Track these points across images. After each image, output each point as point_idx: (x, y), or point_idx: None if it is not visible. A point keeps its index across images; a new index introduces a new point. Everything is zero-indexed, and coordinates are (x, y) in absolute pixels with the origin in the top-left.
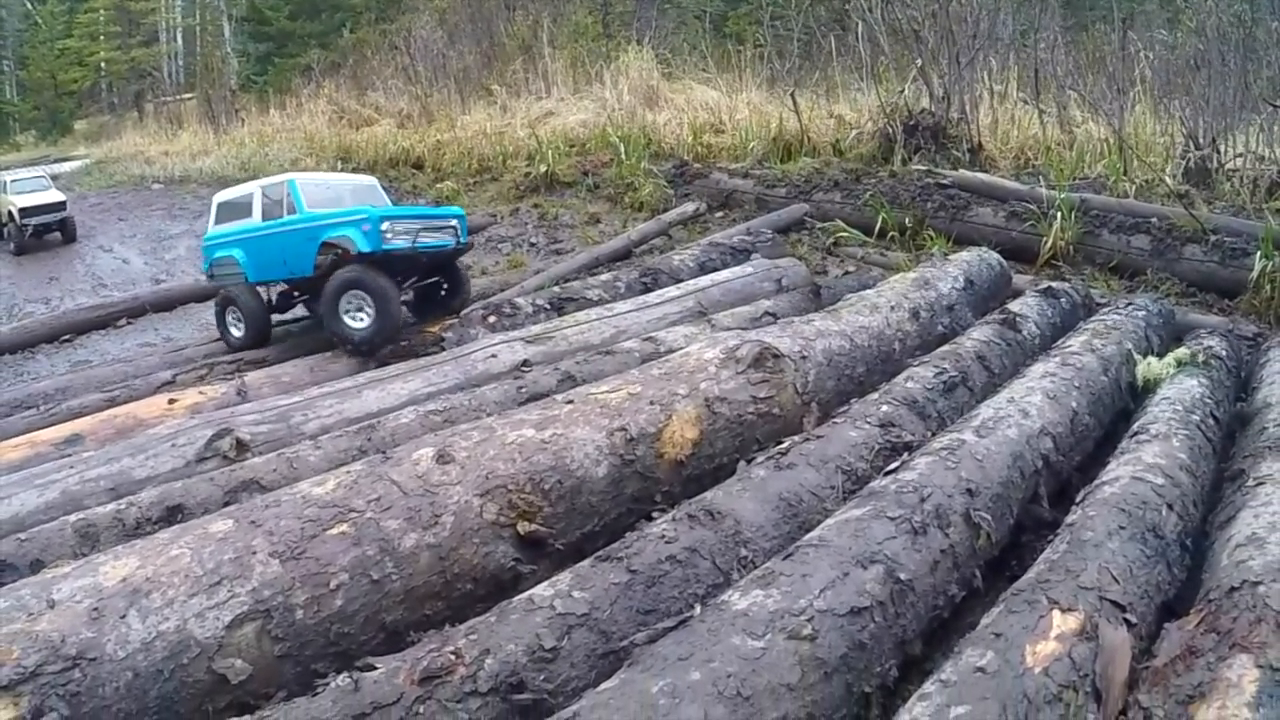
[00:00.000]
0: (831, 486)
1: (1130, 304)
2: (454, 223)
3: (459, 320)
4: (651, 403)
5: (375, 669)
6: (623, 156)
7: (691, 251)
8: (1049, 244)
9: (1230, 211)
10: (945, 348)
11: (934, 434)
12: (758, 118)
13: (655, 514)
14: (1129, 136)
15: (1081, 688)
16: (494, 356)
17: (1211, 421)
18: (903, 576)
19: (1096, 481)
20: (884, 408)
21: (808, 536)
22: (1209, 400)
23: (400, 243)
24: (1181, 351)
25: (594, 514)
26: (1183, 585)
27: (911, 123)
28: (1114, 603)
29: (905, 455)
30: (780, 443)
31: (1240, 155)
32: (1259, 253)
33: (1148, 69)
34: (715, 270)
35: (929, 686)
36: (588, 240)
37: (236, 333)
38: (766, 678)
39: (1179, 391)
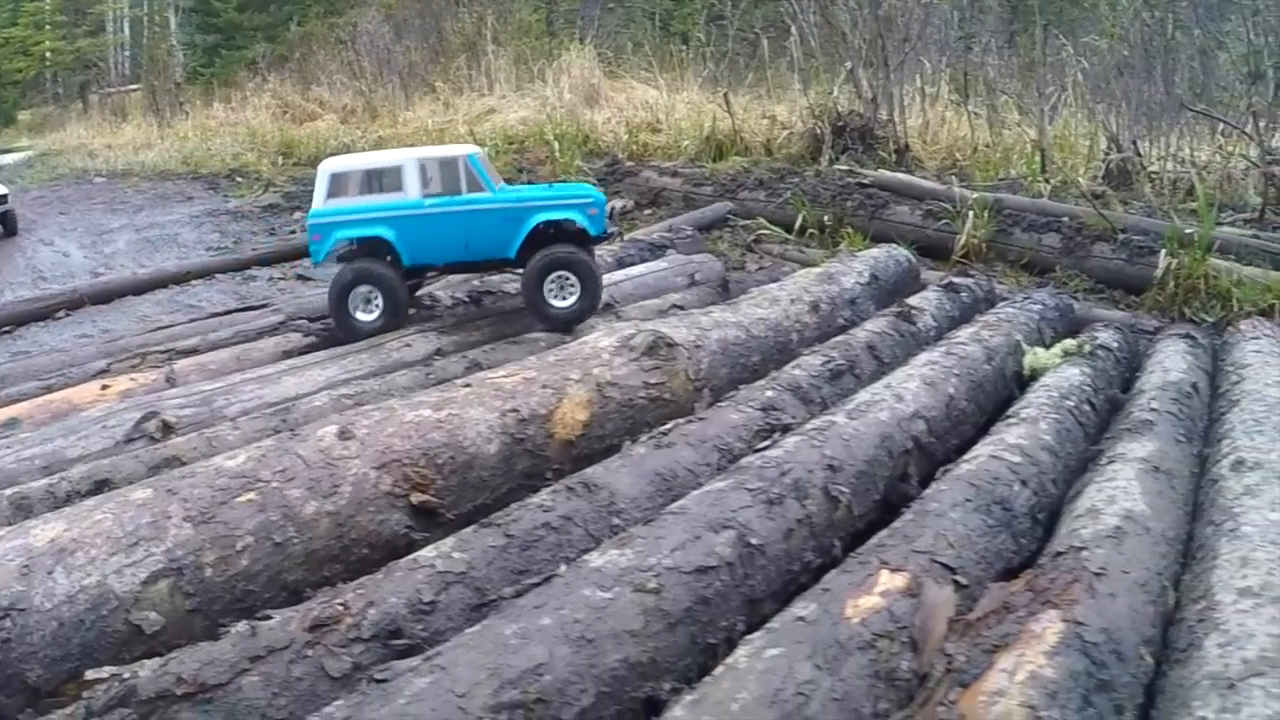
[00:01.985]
0: (707, 464)
1: (1027, 298)
2: None
3: None
4: (544, 386)
5: (272, 618)
6: (557, 154)
7: (610, 247)
8: (962, 241)
9: (1145, 212)
10: (838, 338)
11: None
12: (695, 117)
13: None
14: (1057, 139)
15: (898, 638)
16: (409, 346)
17: (1086, 407)
18: (754, 541)
19: (959, 460)
20: (768, 393)
21: (671, 505)
22: (1088, 388)
23: (610, 228)
24: (1069, 342)
25: (485, 488)
26: (1033, 555)
27: (840, 123)
28: (944, 565)
29: (778, 435)
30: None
31: (1162, 158)
32: (1163, 250)
33: (1079, 74)
34: (632, 265)
35: (756, 634)
36: None
37: (367, 317)
38: (611, 624)
39: (1059, 380)
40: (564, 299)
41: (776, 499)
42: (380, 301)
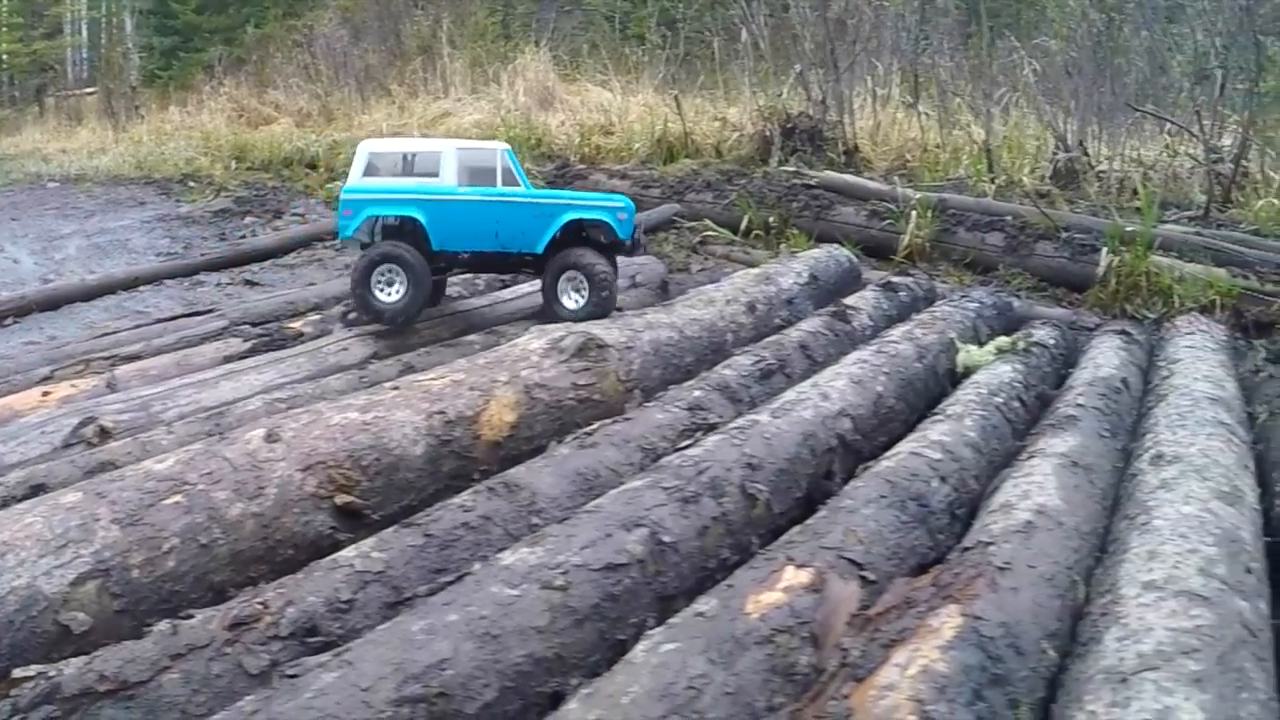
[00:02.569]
0: (630, 464)
1: (965, 296)
2: None
3: (321, 318)
4: (471, 389)
5: (193, 617)
6: None
7: None
8: (906, 241)
9: (1090, 211)
10: (771, 338)
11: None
12: (649, 120)
13: None
14: (1007, 139)
15: (798, 633)
16: (345, 350)
17: (1016, 404)
18: (666, 539)
19: (881, 458)
20: (696, 392)
21: (588, 505)
22: (1019, 384)
23: (638, 241)
24: (1003, 340)
25: (412, 489)
26: (950, 551)
27: (789, 125)
28: (851, 560)
29: (700, 434)
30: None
31: (1109, 158)
32: (1105, 248)
33: (1030, 74)
34: None
35: (657, 629)
36: None
37: (388, 297)
38: (517, 621)
39: (990, 377)
40: (576, 302)
41: (692, 497)
42: (403, 282)
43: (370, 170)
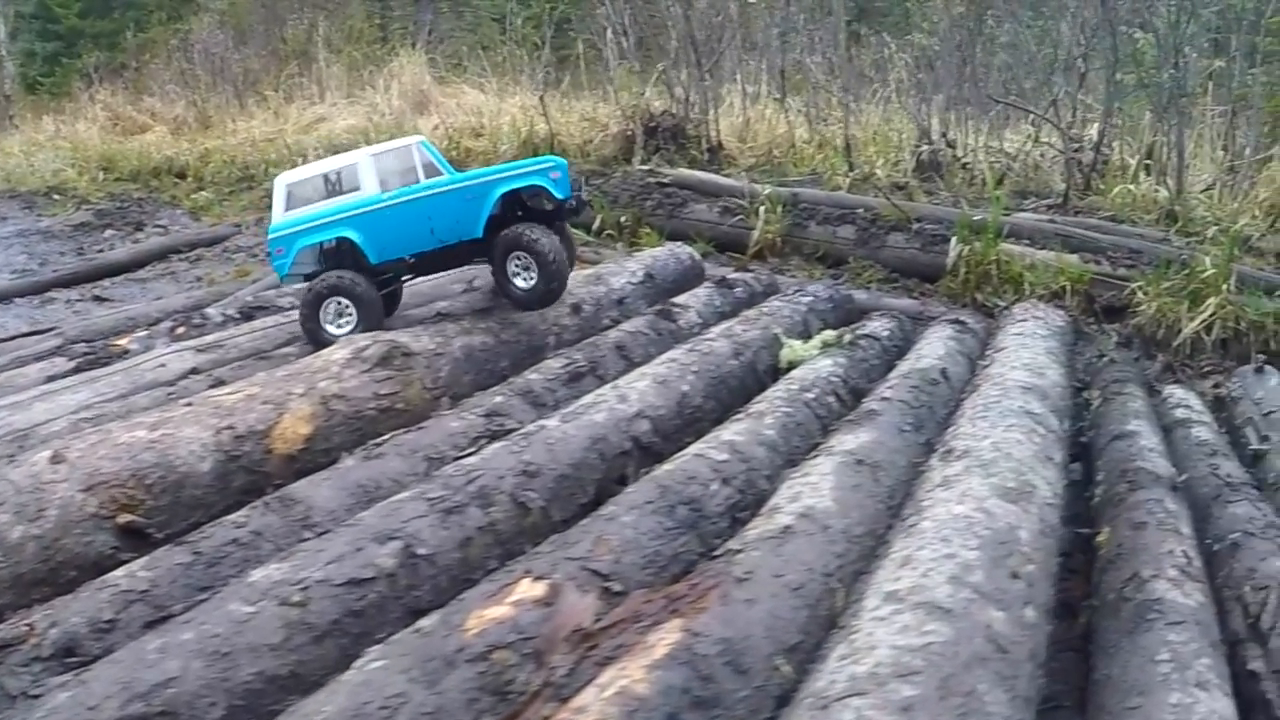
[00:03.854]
0: (415, 474)
1: (799, 291)
2: None
3: (148, 334)
4: (264, 402)
5: None
6: None
7: None
8: (756, 237)
9: (951, 202)
10: (589, 339)
11: None
12: (523, 120)
13: None
14: (875, 133)
15: (519, 649)
16: (163, 366)
17: (830, 399)
18: (421, 551)
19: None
20: (497, 398)
21: (351, 518)
22: (836, 379)
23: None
24: (828, 334)
25: (200, 506)
26: None
27: (652, 124)
28: (595, 572)
29: (483, 441)
30: None
31: (973, 149)
32: (955, 238)
33: (902, 69)
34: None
35: (375, 647)
36: None
37: (339, 329)
38: (249, 638)
39: (807, 372)
40: (527, 281)
41: (456, 507)
42: (353, 313)
43: (292, 202)
